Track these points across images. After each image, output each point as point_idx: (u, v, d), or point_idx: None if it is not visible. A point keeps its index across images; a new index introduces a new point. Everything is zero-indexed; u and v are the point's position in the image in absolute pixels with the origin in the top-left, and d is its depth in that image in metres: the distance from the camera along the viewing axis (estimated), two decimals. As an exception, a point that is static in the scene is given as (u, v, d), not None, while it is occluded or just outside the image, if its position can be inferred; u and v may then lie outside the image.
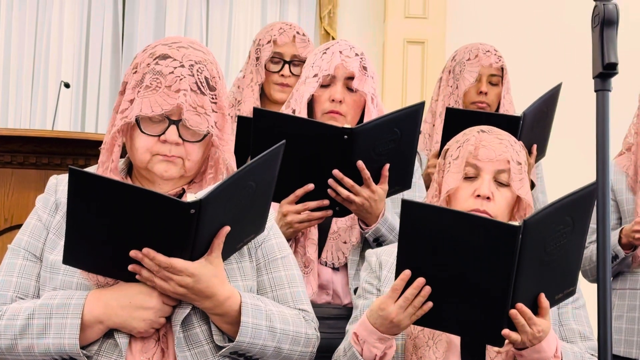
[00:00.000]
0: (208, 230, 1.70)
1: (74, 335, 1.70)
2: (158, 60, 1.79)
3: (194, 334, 1.76)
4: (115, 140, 1.81)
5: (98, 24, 5.97)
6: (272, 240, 1.92)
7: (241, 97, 3.08)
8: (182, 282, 1.70)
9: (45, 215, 1.86)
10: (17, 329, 1.73)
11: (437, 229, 1.77)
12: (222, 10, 6.11)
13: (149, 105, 1.75)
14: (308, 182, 2.31)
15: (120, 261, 1.69)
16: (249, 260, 1.87)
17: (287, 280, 1.90)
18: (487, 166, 2.09)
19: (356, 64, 2.45)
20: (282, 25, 3.11)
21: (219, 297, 1.73)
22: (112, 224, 1.66)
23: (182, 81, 1.76)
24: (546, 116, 3.07)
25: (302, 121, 2.32)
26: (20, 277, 1.81)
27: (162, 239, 1.67)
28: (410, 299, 1.83)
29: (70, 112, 5.84)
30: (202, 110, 1.77)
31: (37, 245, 1.83)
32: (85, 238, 1.68)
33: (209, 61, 1.82)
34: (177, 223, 1.64)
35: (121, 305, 1.72)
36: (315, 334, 1.89)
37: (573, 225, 1.83)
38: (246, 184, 1.72)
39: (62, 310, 1.72)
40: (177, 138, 1.78)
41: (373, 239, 2.40)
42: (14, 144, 3.17)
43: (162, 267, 1.68)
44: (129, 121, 1.78)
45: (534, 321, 1.81)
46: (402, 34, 6.02)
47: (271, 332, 1.79)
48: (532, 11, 6.14)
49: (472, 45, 3.21)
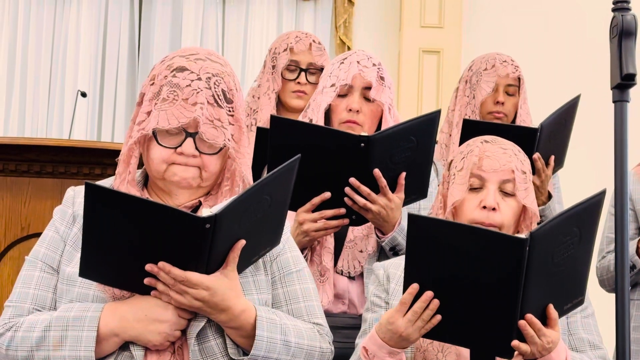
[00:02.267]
0: (223, 243, 1.70)
1: (90, 348, 1.71)
2: (175, 73, 1.79)
3: (208, 347, 1.76)
4: (132, 151, 1.82)
5: (114, 33, 5.99)
6: (288, 253, 1.92)
7: (257, 106, 3.09)
8: (198, 296, 1.70)
9: (62, 227, 1.86)
10: (33, 340, 1.73)
11: (444, 242, 1.77)
12: (237, 20, 6.12)
13: (166, 118, 1.76)
14: (325, 191, 2.31)
15: (136, 274, 1.69)
16: (264, 274, 1.87)
17: (301, 294, 1.90)
18: (491, 176, 2.09)
19: (374, 74, 2.45)
20: (298, 34, 3.12)
21: (234, 311, 1.73)
22: (127, 238, 1.66)
23: (199, 94, 1.76)
24: (564, 127, 3.06)
25: (319, 129, 2.32)
26: (38, 289, 1.81)
27: (177, 253, 1.67)
28: (419, 312, 1.82)
29: (87, 121, 5.86)
30: (219, 124, 1.78)
31: (54, 257, 1.84)
32: (101, 251, 1.68)
33: (226, 73, 1.82)
34: (193, 237, 1.64)
35: (137, 318, 1.72)
36: (330, 348, 1.89)
37: (580, 235, 1.82)
38: (261, 197, 1.72)
39: (79, 322, 1.72)
40: (193, 151, 1.78)
41: (389, 248, 2.40)
42: (31, 153, 3.19)
43: (177, 281, 1.68)
44: (146, 133, 1.78)
45: (543, 332, 1.80)
46: (417, 43, 6.01)
47: (286, 346, 1.78)
48: (549, 21, 6.12)
49: (489, 55, 3.20)
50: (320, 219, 2.32)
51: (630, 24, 1.68)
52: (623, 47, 1.68)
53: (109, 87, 5.96)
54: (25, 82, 5.88)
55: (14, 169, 3.20)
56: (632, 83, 1.70)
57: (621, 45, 1.68)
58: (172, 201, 1.83)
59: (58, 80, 5.90)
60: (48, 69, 5.91)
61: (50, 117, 5.88)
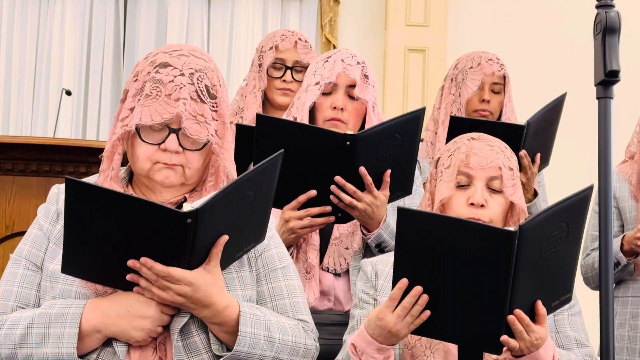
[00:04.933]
0: (206, 239, 1.69)
1: (72, 345, 1.70)
2: (158, 69, 1.78)
3: (192, 343, 1.76)
4: (116, 148, 1.81)
5: (99, 31, 5.98)
6: (273, 250, 1.92)
7: (244, 105, 3.09)
8: (181, 291, 1.69)
9: (46, 224, 1.86)
10: (16, 338, 1.73)
11: (433, 236, 1.77)
12: (223, 19, 6.12)
13: (149, 114, 1.75)
14: (310, 189, 2.31)
15: (119, 270, 1.69)
16: (248, 270, 1.87)
17: (286, 290, 1.89)
18: (479, 173, 2.09)
19: (358, 72, 2.45)
20: (284, 32, 3.12)
21: (218, 307, 1.73)
22: (109, 233, 1.65)
23: (182, 90, 1.76)
24: (550, 125, 3.07)
25: (304, 127, 2.33)
26: (21, 286, 1.81)
27: (159, 248, 1.66)
28: (408, 307, 1.82)
29: (72, 120, 5.84)
30: (202, 119, 1.77)
31: (38, 254, 1.83)
32: (83, 247, 1.68)
33: (209, 69, 1.81)
34: (174, 232, 1.64)
35: (119, 314, 1.72)
36: (315, 345, 1.88)
37: (568, 230, 1.82)
38: (244, 193, 1.71)
39: (61, 319, 1.72)
40: (177, 147, 1.78)
41: (375, 245, 2.41)
42: (15, 152, 3.17)
43: (160, 277, 1.68)
44: (129, 130, 1.78)
45: (532, 328, 1.80)
46: (403, 42, 6.02)
47: (269, 342, 1.78)
48: (534, 19, 6.15)
49: (475, 54, 3.21)
50: (306, 216, 2.32)
51: (614, 21, 1.68)
52: (607, 43, 1.69)
53: (94, 85, 5.94)
54: (10, 80, 5.86)
55: (-2, 167, 3.19)
56: (615, 80, 1.70)
57: (605, 41, 1.69)
58: (157, 198, 1.83)
59: (43, 79, 5.88)
60: (33, 67, 5.89)
61: (35, 116, 5.86)
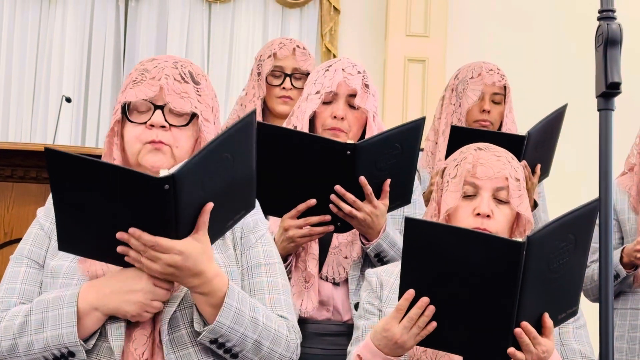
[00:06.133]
0: (190, 207, 1.68)
1: (71, 324, 1.71)
2: (144, 63, 1.87)
3: (179, 336, 1.76)
4: (112, 143, 1.86)
5: (100, 38, 5.99)
6: (259, 247, 1.92)
7: (244, 113, 3.08)
8: (170, 261, 1.68)
9: (47, 223, 1.88)
10: (16, 328, 1.74)
11: (440, 246, 1.76)
12: (223, 28, 6.12)
13: (134, 93, 1.82)
14: (310, 197, 2.30)
15: (111, 244, 1.69)
16: (236, 266, 1.87)
17: (268, 286, 1.88)
18: (485, 184, 2.08)
19: (358, 82, 2.45)
20: (282, 40, 3.12)
21: (207, 275, 1.72)
22: (95, 205, 1.65)
23: (164, 70, 1.83)
24: (551, 136, 3.07)
25: (305, 136, 2.33)
26: (24, 284, 1.83)
27: (144, 219, 1.66)
28: (415, 319, 1.81)
29: (71, 127, 5.84)
30: (185, 95, 1.82)
31: (40, 252, 1.85)
32: (74, 221, 1.68)
33: (193, 65, 1.89)
34: (155, 200, 1.63)
35: (113, 290, 1.73)
36: (296, 341, 1.86)
37: (575, 242, 1.82)
38: (222, 156, 1.70)
39: (58, 302, 1.73)
40: (162, 121, 1.81)
41: (374, 254, 2.40)
42: (15, 158, 3.18)
43: (148, 246, 1.67)
44: (118, 118, 1.84)
45: (538, 341, 1.80)
46: (403, 52, 6.03)
47: (253, 323, 1.76)
48: (534, 31, 6.15)
49: (475, 64, 3.21)
50: (305, 225, 2.32)
51: (616, 33, 1.69)
52: (608, 56, 1.69)
53: (94, 92, 5.95)
54: (10, 87, 5.86)
55: (-3, 173, 3.19)
56: (617, 92, 1.70)
57: (606, 53, 1.69)
58: None
59: (42, 85, 5.89)
60: (33, 74, 5.90)
61: (35, 122, 5.86)
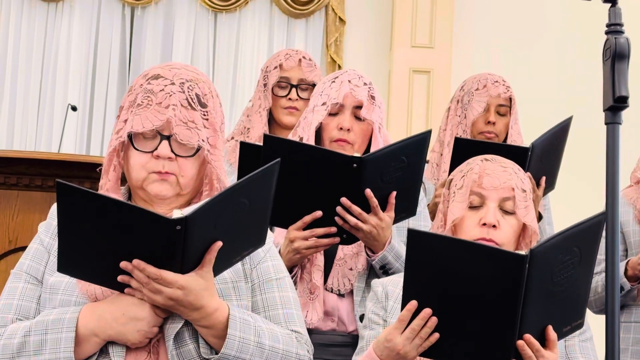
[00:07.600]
0: (198, 245, 1.69)
1: (69, 349, 1.70)
2: (150, 80, 1.83)
3: (186, 351, 1.75)
4: (112, 161, 1.84)
5: (105, 47, 6.00)
6: (269, 262, 1.91)
7: (250, 125, 3.09)
8: (172, 295, 1.68)
9: (47, 239, 1.87)
10: (14, 347, 1.73)
11: (443, 258, 1.76)
12: (229, 37, 6.13)
13: (140, 122, 1.79)
14: (316, 209, 2.31)
15: (112, 271, 1.69)
16: (244, 281, 1.86)
17: (280, 301, 1.88)
18: (491, 194, 2.09)
19: (364, 93, 2.46)
20: (288, 51, 3.13)
21: (207, 309, 1.72)
22: (101, 237, 1.66)
23: (171, 97, 1.79)
24: (556, 149, 3.07)
25: (312, 148, 2.33)
26: (21, 299, 1.81)
27: (151, 253, 1.67)
28: (417, 330, 1.81)
29: (76, 135, 5.86)
30: (192, 125, 1.80)
31: (39, 268, 1.84)
32: (77, 247, 1.68)
33: (200, 80, 1.85)
34: (164, 239, 1.64)
35: (114, 317, 1.72)
36: (308, 356, 1.86)
37: (580, 256, 1.81)
38: (238, 201, 1.70)
39: (58, 325, 1.72)
40: (169, 153, 1.79)
41: (379, 267, 2.40)
42: (20, 166, 3.18)
43: (151, 279, 1.67)
44: (122, 140, 1.81)
45: (542, 353, 1.79)
46: (408, 63, 6.03)
47: (259, 348, 1.76)
48: (539, 42, 6.15)
49: (481, 75, 3.21)
50: (311, 236, 2.32)
51: (624, 47, 1.69)
52: (616, 69, 1.69)
53: (99, 101, 5.96)
54: (15, 95, 5.87)
55: (3, 181, 3.19)
56: (624, 105, 1.70)
57: (614, 67, 1.69)
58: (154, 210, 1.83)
59: (48, 94, 5.90)
60: (38, 82, 5.91)
61: (40, 131, 5.87)
